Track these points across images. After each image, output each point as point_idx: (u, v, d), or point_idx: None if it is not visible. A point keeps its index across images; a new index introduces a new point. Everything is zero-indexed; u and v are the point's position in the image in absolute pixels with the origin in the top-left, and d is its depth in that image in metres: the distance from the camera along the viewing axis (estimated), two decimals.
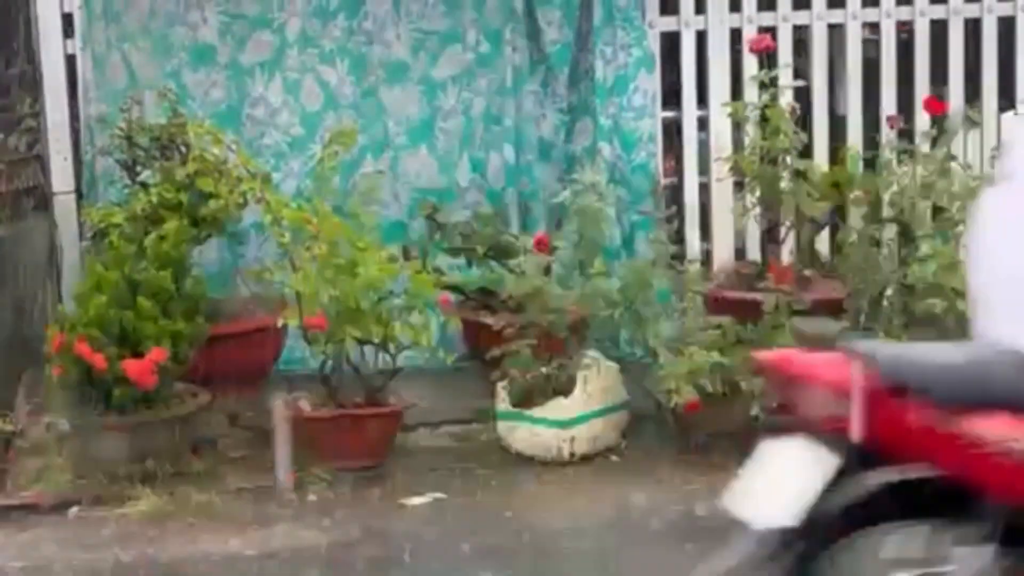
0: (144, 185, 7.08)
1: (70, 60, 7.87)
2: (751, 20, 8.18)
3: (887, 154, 7.21)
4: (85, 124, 7.81)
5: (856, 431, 3.79)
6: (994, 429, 3.72)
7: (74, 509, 6.13)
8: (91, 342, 6.14)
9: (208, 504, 6.13)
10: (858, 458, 3.83)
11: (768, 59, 7.23)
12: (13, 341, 6.84)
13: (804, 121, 7.78)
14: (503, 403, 6.73)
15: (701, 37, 8.24)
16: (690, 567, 5.41)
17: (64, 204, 7.81)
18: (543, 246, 6.82)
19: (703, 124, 8.33)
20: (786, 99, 7.37)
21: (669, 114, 8.36)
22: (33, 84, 7.90)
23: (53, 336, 6.28)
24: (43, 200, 7.84)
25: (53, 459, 6.48)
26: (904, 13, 8.28)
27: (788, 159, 7.20)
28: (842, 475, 3.85)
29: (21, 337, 7.03)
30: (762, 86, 7.16)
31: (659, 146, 8.20)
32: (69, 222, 7.77)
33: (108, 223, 6.89)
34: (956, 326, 6.57)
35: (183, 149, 7.13)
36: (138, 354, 6.20)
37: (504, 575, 5.39)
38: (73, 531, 5.95)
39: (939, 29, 8.21)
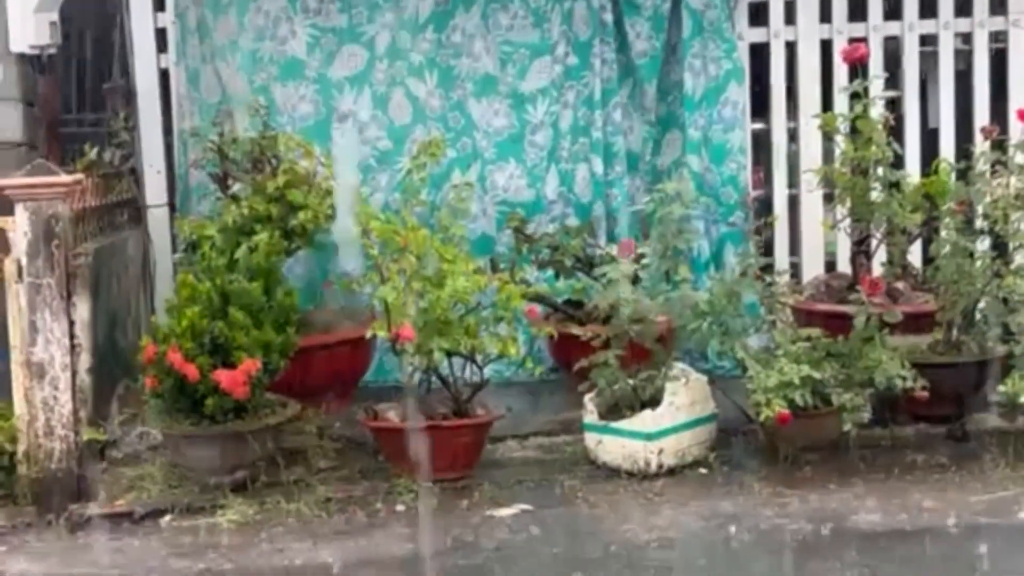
0: (235, 198, 7.16)
1: (163, 74, 7.99)
2: (841, 31, 8.14)
3: (980, 165, 7.11)
4: (178, 137, 7.93)
5: None
6: None
7: (166, 518, 6.20)
8: (184, 352, 6.21)
9: (297, 513, 6.17)
10: None
11: (860, 70, 7.16)
12: (107, 352, 6.93)
13: (896, 132, 7.70)
14: (590, 415, 6.71)
15: (791, 48, 8.19)
16: None
17: (157, 217, 7.94)
18: (627, 250, 6.78)
19: (793, 136, 8.29)
20: (878, 110, 7.30)
21: (758, 126, 8.32)
22: (127, 98, 8.02)
23: (146, 347, 6.36)
24: (137, 213, 7.97)
25: (146, 468, 6.57)
26: (998, 23, 8.18)
27: (880, 170, 7.13)
28: None
29: (115, 348, 7.12)
30: (854, 96, 7.09)
31: (748, 158, 8.17)
32: (162, 234, 7.90)
33: (200, 235, 6.98)
34: None
35: (273, 162, 7.21)
36: (230, 365, 6.26)
37: None
38: (165, 539, 6.01)
39: None
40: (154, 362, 6.30)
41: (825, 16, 8.16)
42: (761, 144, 8.37)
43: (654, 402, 6.64)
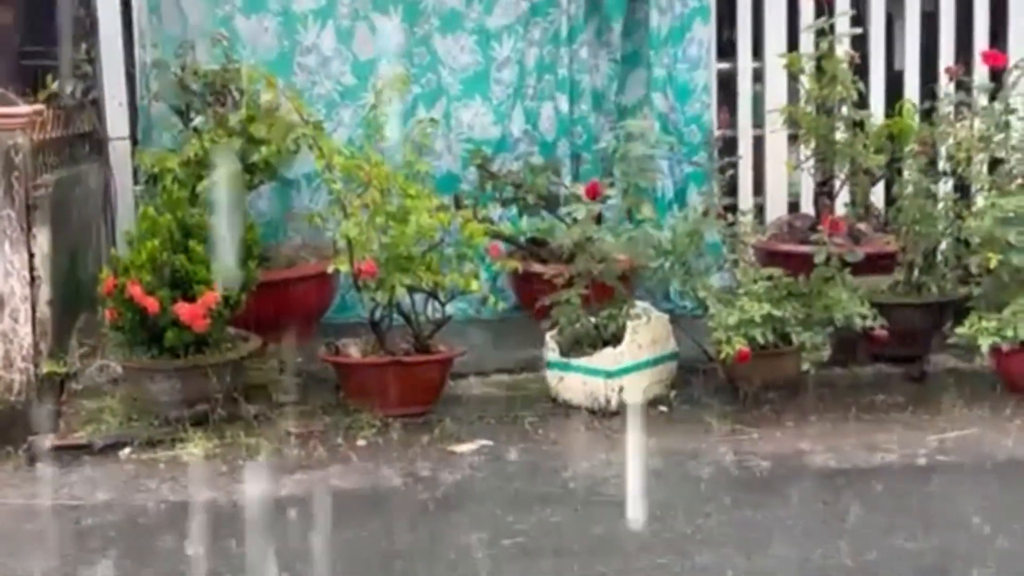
0: (197, 131, 7.11)
1: (125, 6, 7.90)
2: None
3: (945, 106, 7.13)
4: (140, 70, 7.84)
5: None
6: None
7: (126, 451, 6.19)
8: (144, 285, 6.18)
9: (258, 447, 6.17)
10: None
11: (827, 8, 7.15)
12: (67, 284, 6.89)
13: (861, 73, 7.69)
14: (552, 352, 6.72)
15: None
16: (734, 514, 5.44)
17: (118, 149, 7.88)
18: (595, 194, 6.78)
19: (758, 75, 8.27)
20: (843, 48, 7.29)
21: (724, 65, 8.30)
22: (88, 30, 7.94)
23: (106, 279, 6.32)
24: (98, 145, 7.90)
25: (106, 401, 6.55)
26: None
27: (844, 109, 7.14)
28: None
29: (75, 281, 7.08)
30: (819, 34, 7.09)
31: (713, 97, 8.15)
32: (123, 167, 7.84)
33: (162, 168, 6.94)
34: (1011, 280, 6.52)
35: (236, 95, 7.15)
36: (190, 298, 6.23)
37: (551, 522, 5.39)
38: (125, 472, 6.00)
39: None
40: (114, 295, 6.27)
41: None
42: (726, 84, 8.35)
43: (615, 340, 6.66)
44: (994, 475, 5.76)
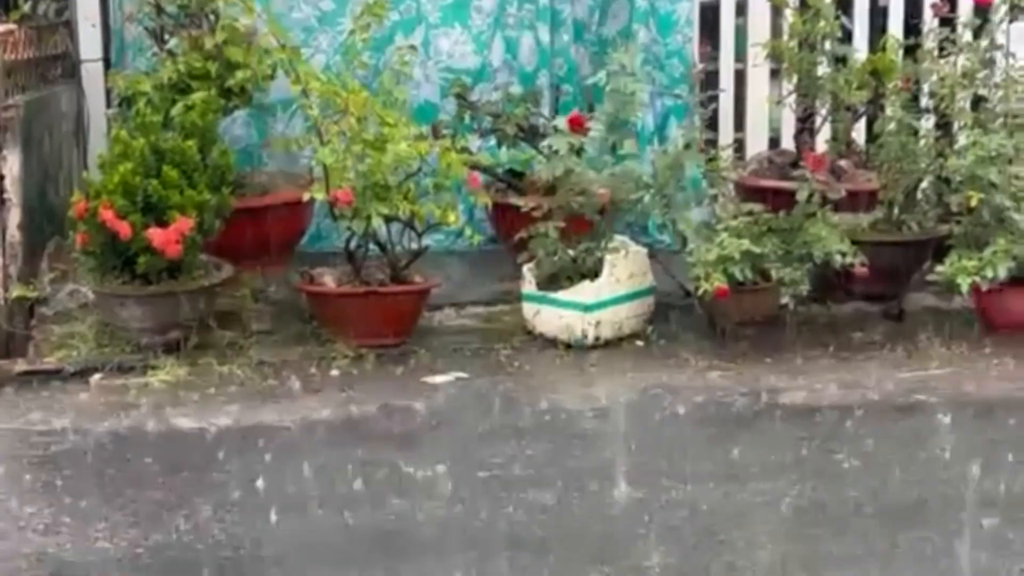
0: (172, 54, 6.99)
1: None
2: None
3: (928, 43, 7.05)
4: None
5: None
6: None
7: (96, 376, 6.12)
8: (116, 210, 6.09)
9: (230, 376, 6.11)
10: None
11: None
12: (39, 208, 6.79)
13: (845, 8, 7.61)
14: (528, 285, 6.67)
15: None
16: (710, 450, 5.42)
17: (91, 72, 7.75)
18: (577, 125, 6.69)
19: (741, 9, 8.18)
20: None
21: None
22: None
23: (77, 202, 6.23)
24: (71, 67, 7.75)
25: (76, 327, 6.47)
26: None
27: (827, 44, 7.06)
28: None
29: (47, 204, 6.98)
30: None
31: (695, 30, 8.06)
32: (96, 89, 7.71)
33: (135, 91, 6.82)
34: (991, 219, 6.48)
35: (212, 18, 7.02)
36: (163, 224, 6.14)
37: (525, 454, 5.36)
38: (95, 398, 5.94)
39: None
40: (85, 218, 6.17)
41: None
42: (709, 16, 8.25)
43: (593, 274, 6.60)
44: (971, 413, 5.74)
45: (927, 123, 7.22)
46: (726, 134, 8.05)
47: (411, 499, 4.96)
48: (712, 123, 7.62)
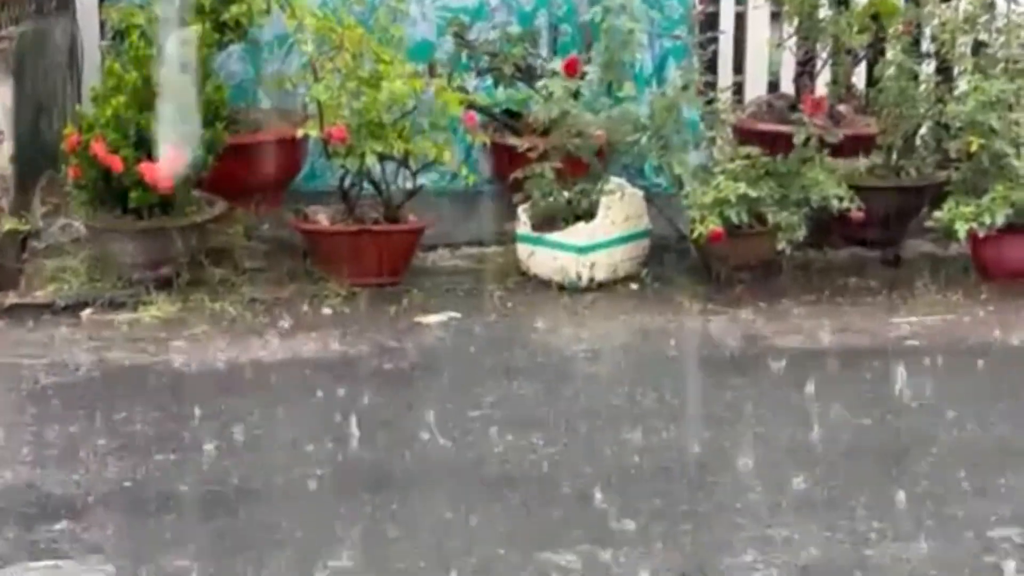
0: None
1: None
2: None
3: None
4: None
5: None
6: None
7: (87, 311, 6.09)
8: (108, 143, 6.04)
9: (221, 313, 6.08)
10: None
11: None
12: (31, 141, 6.74)
13: None
14: (524, 226, 6.63)
15: None
16: (702, 393, 5.41)
17: (86, 4, 7.67)
18: (573, 69, 6.63)
19: None
20: None
21: None
22: None
23: (70, 135, 6.17)
24: None
25: (68, 261, 6.43)
26: None
27: None
28: None
29: (39, 137, 6.93)
30: None
31: None
32: (91, 22, 7.64)
33: (129, 24, 6.74)
34: (990, 165, 6.44)
35: None
36: (156, 158, 6.09)
37: (517, 394, 5.34)
38: (86, 332, 5.92)
39: None
40: (77, 152, 6.12)
41: None
42: None
43: (588, 215, 6.56)
44: (964, 360, 5.71)
45: (928, 68, 7.16)
46: (725, 77, 7.98)
47: (401, 437, 4.95)
48: (711, 65, 7.56)
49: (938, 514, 4.41)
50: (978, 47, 6.82)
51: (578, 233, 6.49)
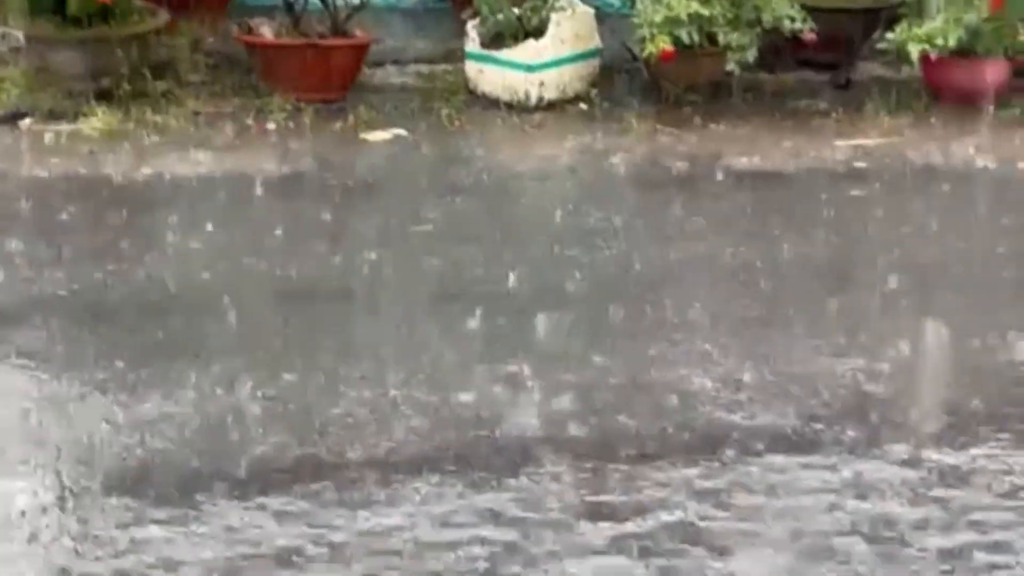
0: None
1: None
2: None
3: None
4: None
5: None
6: None
7: (27, 121, 5.99)
8: None
9: (164, 126, 5.99)
10: None
11: None
12: None
13: None
14: (472, 43, 6.53)
15: None
16: (648, 211, 5.39)
17: None
18: None
19: None
20: None
21: None
22: None
23: None
24: None
25: (7, 71, 6.31)
26: None
27: None
28: None
29: None
30: None
31: None
32: None
33: None
34: None
35: None
36: None
37: (461, 211, 5.30)
38: (25, 143, 5.83)
39: None
40: None
41: None
42: None
43: (538, 33, 6.47)
44: (911, 181, 5.71)
45: None
46: None
47: (342, 249, 4.92)
48: None
49: (873, 329, 4.43)
50: None
51: (527, 51, 6.40)
